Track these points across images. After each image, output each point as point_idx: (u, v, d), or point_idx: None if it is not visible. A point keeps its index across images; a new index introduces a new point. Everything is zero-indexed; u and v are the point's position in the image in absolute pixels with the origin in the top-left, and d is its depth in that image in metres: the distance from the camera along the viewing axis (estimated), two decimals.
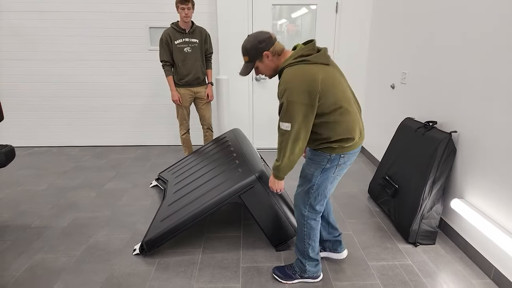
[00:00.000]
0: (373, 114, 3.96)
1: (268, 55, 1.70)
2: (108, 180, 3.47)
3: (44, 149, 4.49)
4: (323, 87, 1.58)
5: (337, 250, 2.16)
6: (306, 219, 1.89)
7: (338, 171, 1.79)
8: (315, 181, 1.80)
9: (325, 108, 1.62)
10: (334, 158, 1.74)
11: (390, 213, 2.65)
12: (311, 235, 1.91)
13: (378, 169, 3.05)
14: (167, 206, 2.51)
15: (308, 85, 1.56)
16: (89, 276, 2.05)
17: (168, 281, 2.01)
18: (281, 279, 2.01)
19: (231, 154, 2.75)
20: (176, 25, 3.29)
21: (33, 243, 2.39)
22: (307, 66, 1.60)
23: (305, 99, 1.56)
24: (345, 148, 1.71)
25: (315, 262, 1.97)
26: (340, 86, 1.65)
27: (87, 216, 2.76)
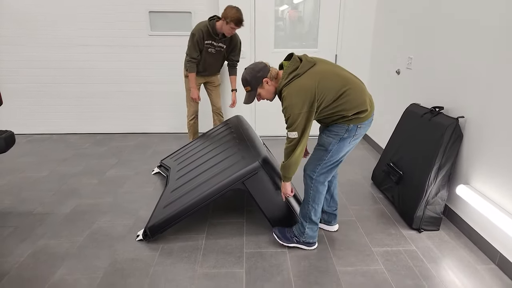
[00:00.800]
0: (378, 100, 3.91)
1: (267, 81, 1.91)
2: (109, 167, 3.45)
3: (45, 136, 4.46)
4: (320, 89, 1.80)
5: (331, 223, 2.36)
6: (314, 183, 2.03)
7: (353, 140, 1.96)
8: (331, 149, 1.95)
9: (330, 100, 1.83)
10: (352, 129, 1.91)
11: (394, 199, 2.64)
12: (315, 199, 2.05)
13: (382, 155, 3.02)
14: (169, 192, 2.49)
15: (305, 97, 1.79)
16: (92, 261, 2.05)
17: (172, 266, 2.01)
18: (279, 239, 2.18)
19: (234, 140, 2.72)
20: (213, 27, 3.18)
21: (36, 229, 2.38)
22: (299, 80, 1.81)
23: (305, 108, 1.80)
24: (361, 119, 1.89)
25: (315, 226, 2.11)
26: (334, 76, 1.84)
27: (89, 203, 2.74)
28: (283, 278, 1.91)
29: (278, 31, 4.08)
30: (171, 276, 1.92)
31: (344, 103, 1.83)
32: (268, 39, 4.07)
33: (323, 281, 1.88)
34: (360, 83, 1.90)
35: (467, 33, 2.30)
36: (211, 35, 3.21)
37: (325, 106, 1.84)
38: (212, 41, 3.25)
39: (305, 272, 1.96)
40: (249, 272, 1.96)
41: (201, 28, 3.18)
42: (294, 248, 2.17)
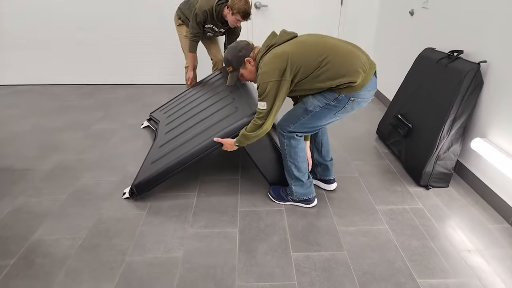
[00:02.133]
0: (385, 47, 3.57)
1: (250, 61, 1.79)
2: (96, 121, 3.23)
3: (28, 87, 4.18)
4: (294, 58, 1.63)
5: (327, 177, 2.15)
6: (287, 138, 1.87)
7: (341, 113, 1.78)
8: (313, 111, 1.77)
9: (308, 71, 1.65)
10: (342, 99, 1.71)
11: (401, 154, 2.44)
12: (292, 153, 1.89)
13: (390, 107, 2.78)
14: (158, 147, 2.29)
15: (277, 64, 1.63)
16: (75, 220, 1.91)
17: (160, 226, 1.87)
18: (274, 199, 2.06)
19: (228, 92, 2.47)
20: (218, 13, 2.84)
21: (16, 185, 2.22)
22: (276, 49, 1.68)
23: (275, 76, 1.63)
24: (352, 88, 1.67)
25: (300, 182, 1.95)
26: (313, 45, 1.66)
27: (74, 159, 2.56)
28: (279, 239, 1.77)
29: None
30: (159, 236, 1.79)
31: (324, 73, 1.63)
32: None
33: (322, 242, 1.75)
34: (349, 51, 1.66)
35: None
36: (214, 20, 2.88)
37: (302, 77, 1.66)
38: (214, 26, 2.94)
39: (303, 232, 1.82)
40: (243, 232, 1.82)
41: (206, 10, 2.82)
42: (292, 206, 2.02)
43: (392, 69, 3.38)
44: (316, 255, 1.66)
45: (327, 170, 2.14)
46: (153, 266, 1.60)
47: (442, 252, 1.68)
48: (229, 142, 1.91)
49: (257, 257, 1.65)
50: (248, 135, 1.78)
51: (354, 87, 1.67)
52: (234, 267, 1.59)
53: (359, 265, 1.61)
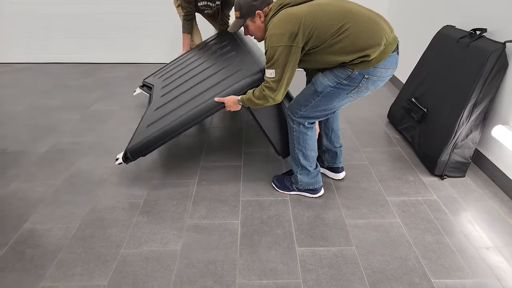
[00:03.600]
0: (400, 23, 3.35)
1: (260, 15, 1.58)
2: (93, 101, 3.10)
3: (25, 65, 4.03)
4: (308, 21, 1.45)
5: (335, 165, 2.01)
6: (296, 124, 1.73)
7: (354, 93, 1.60)
8: (323, 92, 1.61)
9: (323, 38, 1.47)
10: (356, 77, 1.54)
11: (414, 141, 2.30)
12: (300, 141, 1.76)
13: (403, 90, 2.60)
14: (153, 110, 2.11)
15: (288, 27, 1.45)
16: (69, 208, 1.81)
17: (157, 216, 1.77)
18: (278, 189, 1.94)
19: (230, 51, 2.28)
20: None
21: (8, 170, 2.13)
22: (288, 10, 1.49)
23: (285, 40, 1.45)
24: (368, 63, 1.50)
25: (307, 171, 1.82)
26: (331, 7, 1.47)
27: (69, 141, 2.45)
28: (283, 232, 1.66)
29: None
30: (157, 228, 1.69)
31: (339, 42, 1.45)
32: None
33: (329, 236, 1.64)
34: (372, 20, 1.47)
35: None
36: None
37: (314, 45, 1.49)
38: (207, 1, 2.74)
39: (309, 224, 1.71)
40: (245, 224, 1.71)
41: None
42: (297, 196, 1.91)
43: (407, 47, 3.17)
44: (323, 251, 1.56)
45: (335, 157, 2.00)
46: (149, 260, 1.51)
47: (459, 249, 1.57)
48: (232, 100, 1.74)
49: (260, 251, 1.55)
50: (255, 102, 1.62)
51: (370, 62, 1.49)
52: (235, 262, 1.50)
53: (369, 262, 1.50)
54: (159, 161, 2.22)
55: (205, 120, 2.74)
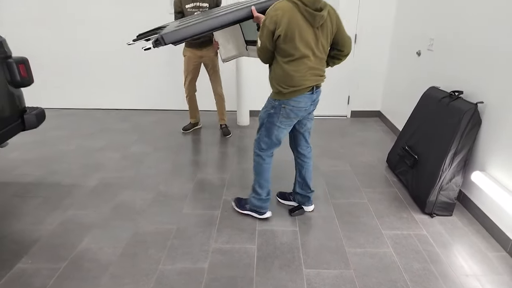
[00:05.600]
0: (397, 81, 3.82)
1: None
2: (131, 143, 3.60)
3: (71, 111, 4.65)
4: (288, 27, 1.77)
5: (305, 204, 2.42)
6: (255, 155, 2.22)
7: (282, 120, 2.03)
8: (263, 122, 2.11)
9: (288, 48, 1.83)
10: (277, 106, 2.00)
11: (408, 183, 2.64)
12: (256, 170, 2.24)
13: (398, 138, 2.99)
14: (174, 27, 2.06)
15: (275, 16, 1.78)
16: (116, 232, 2.21)
17: (188, 240, 2.13)
18: (236, 207, 2.41)
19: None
20: None
21: (64, 200, 2.56)
22: (284, 3, 1.79)
23: (269, 26, 1.80)
24: (283, 95, 1.95)
25: (259, 196, 2.26)
26: (305, 37, 1.81)
27: (113, 176, 2.90)
28: (293, 256, 2.00)
29: None
30: (188, 249, 2.05)
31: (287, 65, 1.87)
32: None
33: (331, 261, 1.96)
34: (316, 63, 1.91)
35: (490, 16, 2.19)
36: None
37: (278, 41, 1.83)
38: (194, 2, 3.20)
39: (314, 251, 2.04)
40: (261, 249, 2.06)
41: None
42: (305, 228, 2.25)
43: (402, 102, 3.61)
44: (326, 273, 1.87)
45: (307, 199, 2.41)
46: (182, 274, 1.86)
47: (442, 275, 1.86)
48: (262, 17, 1.89)
49: (273, 271, 1.88)
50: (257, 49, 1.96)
51: (284, 95, 1.95)
52: (252, 279, 1.83)
53: (365, 283, 1.80)
54: (188, 195, 2.62)
55: (227, 160, 3.17)
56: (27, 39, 4.31)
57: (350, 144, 3.59)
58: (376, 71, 4.21)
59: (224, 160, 3.24)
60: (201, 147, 3.54)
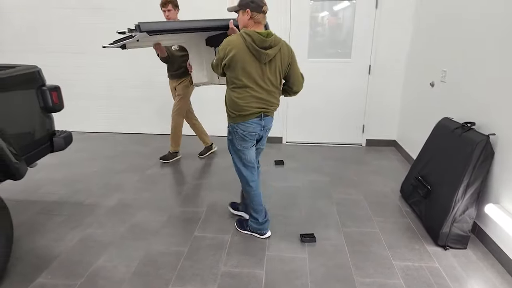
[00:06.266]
0: (411, 111, 3.85)
1: (248, 13, 2.06)
2: (149, 166, 3.75)
3: (95, 134, 4.91)
4: (232, 59, 2.03)
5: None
6: (243, 188, 2.46)
7: (240, 143, 2.24)
8: (229, 150, 2.36)
9: (231, 77, 2.11)
10: (231, 130, 2.25)
11: (421, 214, 2.62)
12: (250, 201, 2.42)
13: (412, 168, 2.99)
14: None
15: (226, 47, 2.06)
16: (130, 251, 2.29)
17: (198, 262, 2.19)
18: (237, 227, 2.54)
19: None
20: None
21: (85, 218, 2.69)
22: (236, 38, 2.05)
23: (220, 53, 2.09)
24: (239, 117, 2.17)
25: (256, 221, 2.43)
26: (248, 69, 2.06)
27: (131, 197, 3.03)
28: (301, 283, 2.01)
29: (317, 37, 4.16)
30: (197, 271, 2.10)
31: (234, 91, 2.14)
32: (302, 47, 4.15)
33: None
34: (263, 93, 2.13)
35: (501, 49, 2.24)
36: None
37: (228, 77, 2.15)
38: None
39: (323, 279, 2.04)
40: (269, 275, 2.08)
41: None
42: (314, 255, 2.26)
43: (417, 132, 3.62)
44: None
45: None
46: None
47: None
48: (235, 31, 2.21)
49: None
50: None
51: (234, 118, 2.19)
52: None
53: None
54: (201, 218, 2.69)
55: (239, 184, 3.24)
56: (56, 67, 4.64)
57: (364, 173, 3.60)
58: (390, 101, 4.26)
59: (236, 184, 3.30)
60: (216, 171, 3.63)
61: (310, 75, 4.20)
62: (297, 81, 2.24)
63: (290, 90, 2.28)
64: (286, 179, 3.42)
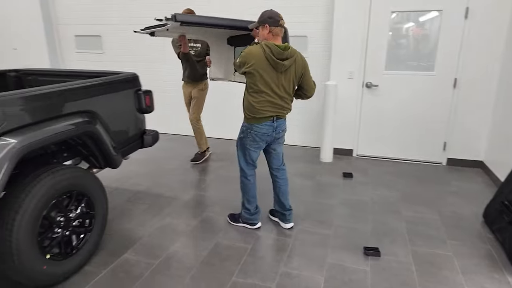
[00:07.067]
0: (503, 131, 3.47)
1: (267, 28, 2.29)
2: (219, 168, 4.01)
3: (178, 136, 5.40)
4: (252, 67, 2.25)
5: (283, 221, 2.70)
6: (240, 177, 2.64)
7: (250, 142, 2.45)
8: (237, 146, 2.59)
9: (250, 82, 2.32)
10: (245, 130, 2.46)
11: (505, 242, 2.36)
12: (243, 190, 2.64)
13: (498, 192, 2.71)
14: None
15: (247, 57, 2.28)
16: (200, 242, 2.51)
17: (260, 259, 2.30)
18: (230, 221, 2.75)
19: None
20: None
21: (164, 209, 3.02)
22: (257, 49, 2.26)
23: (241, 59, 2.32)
24: (254, 119, 2.38)
25: (248, 211, 2.64)
26: (265, 77, 2.27)
27: (202, 194, 3.30)
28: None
29: (398, 49, 4.02)
30: (259, 267, 2.22)
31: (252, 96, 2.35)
32: (379, 59, 4.05)
33: None
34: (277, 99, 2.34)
35: None
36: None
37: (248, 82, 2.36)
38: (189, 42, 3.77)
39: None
40: (328, 282, 2.09)
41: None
42: (377, 269, 2.20)
43: (507, 151, 3.24)
44: None
45: (284, 217, 2.68)
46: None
47: None
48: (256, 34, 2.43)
49: None
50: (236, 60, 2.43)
51: (249, 119, 2.40)
52: None
53: None
54: (266, 218, 2.82)
55: (305, 192, 3.28)
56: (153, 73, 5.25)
57: (442, 193, 3.35)
58: (479, 117, 3.89)
59: (305, 191, 3.35)
60: None
61: (386, 87, 4.10)
62: (309, 88, 2.48)
63: (304, 95, 2.52)
64: (354, 192, 3.36)
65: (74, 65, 5.70)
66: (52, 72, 3.21)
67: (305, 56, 2.57)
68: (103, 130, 2.32)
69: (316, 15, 4.28)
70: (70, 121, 2.06)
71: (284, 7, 4.34)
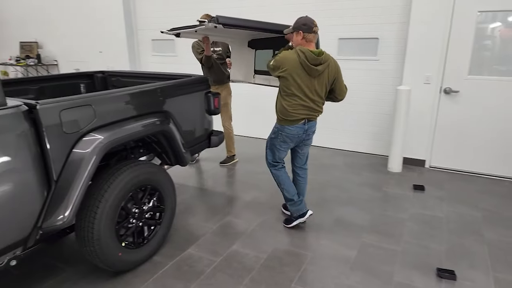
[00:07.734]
0: None
1: (300, 34, 2.36)
2: None
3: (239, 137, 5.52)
4: (286, 72, 2.34)
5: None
6: (271, 173, 2.74)
7: (281, 142, 2.57)
8: (267, 145, 2.72)
9: (283, 85, 2.42)
10: (276, 131, 2.58)
11: None
12: (280, 182, 2.70)
13: None
14: None
15: (282, 61, 2.37)
16: (260, 243, 2.52)
17: (323, 269, 2.23)
18: (286, 225, 2.75)
19: None
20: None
21: (226, 208, 3.10)
22: (292, 54, 2.34)
23: (275, 62, 2.41)
24: (286, 121, 2.48)
25: (293, 202, 2.65)
26: (299, 82, 2.35)
27: (264, 196, 3.31)
28: None
29: (483, 51, 3.62)
30: (319, 277, 2.15)
31: (284, 99, 2.44)
32: (462, 63, 3.68)
33: None
34: (309, 102, 2.41)
35: None
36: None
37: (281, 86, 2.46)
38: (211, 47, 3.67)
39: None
40: None
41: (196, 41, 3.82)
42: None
43: None
44: None
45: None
46: None
47: None
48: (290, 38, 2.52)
49: None
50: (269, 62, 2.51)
51: (282, 121, 2.50)
52: None
53: None
54: (328, 227, 2.73)
55: (373, 203, 3.11)
56: None
57: None
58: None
59: (371, 202, 3.18)
60: (343, 185, 3.58)
61: (468, 94, 3.72)
62: (341, 91, 2.56)
63: (335, 98, 2.59)
64: (426, 207, 3.10)
65: (150, 67, 6.16)
66: (133, 74, 3.49)
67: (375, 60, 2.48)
68: (175, 129, 2.45)
69: (390, 16, 4.04)
70: (149, 120, 2.21)
71: (355, 9, 4.19)
